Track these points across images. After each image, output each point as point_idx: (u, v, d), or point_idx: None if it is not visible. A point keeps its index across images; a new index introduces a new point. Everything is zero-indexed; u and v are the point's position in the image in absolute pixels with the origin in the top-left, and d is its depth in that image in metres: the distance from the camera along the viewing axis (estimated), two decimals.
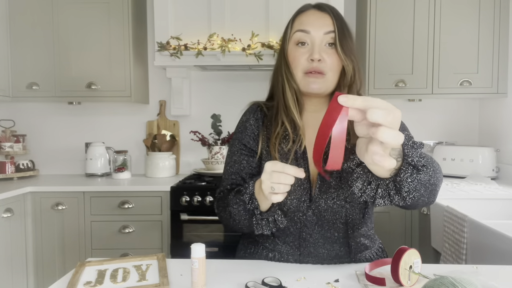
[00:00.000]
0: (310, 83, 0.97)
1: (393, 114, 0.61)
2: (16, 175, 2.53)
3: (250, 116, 1.08)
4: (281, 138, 1.01)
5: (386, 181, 0.77)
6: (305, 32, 0.97)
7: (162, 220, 2.23)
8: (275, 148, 0.99)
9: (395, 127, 0.61)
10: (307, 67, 0.97)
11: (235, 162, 1.05)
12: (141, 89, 2.65)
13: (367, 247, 1.05)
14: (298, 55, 0.97)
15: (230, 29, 2.38)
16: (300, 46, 0.98)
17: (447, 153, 2.49)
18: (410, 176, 0.74)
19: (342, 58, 0.96)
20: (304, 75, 0.97)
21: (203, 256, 0.82)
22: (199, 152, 2.74)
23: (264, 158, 1.03)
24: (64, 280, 0.91)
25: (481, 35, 2.33)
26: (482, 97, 2.48)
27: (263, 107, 1.08)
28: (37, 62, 2.48)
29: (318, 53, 0.95)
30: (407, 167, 0.73)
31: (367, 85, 2.37)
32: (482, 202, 1.90)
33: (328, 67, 0.96)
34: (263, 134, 1.04)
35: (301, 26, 0.98)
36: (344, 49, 0.96)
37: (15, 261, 2.16)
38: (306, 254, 1.01)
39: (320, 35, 0.96)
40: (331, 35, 0.96)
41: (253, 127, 1.06)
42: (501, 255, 1.31)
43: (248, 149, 1.05)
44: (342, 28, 0.97)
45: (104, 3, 2.44)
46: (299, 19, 1.00)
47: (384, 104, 0.61)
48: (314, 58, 0.94)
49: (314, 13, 0.99)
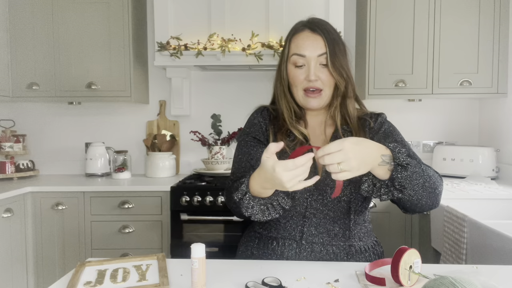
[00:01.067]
0: (309, 102, 1.11)
1: (337, 156, 0.84)
2: (16, 175, 2.54)
3: (258, 115, 1.21)
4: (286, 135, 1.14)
5: (386, 181, 0.94)
6: (301, 56, 1.10)
7: (162, 220, 2.23)
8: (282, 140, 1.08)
9: (344, 165, 0.84)
10: (306, 85, 1.10)
11: (245, 153, 1.14)
12: (141, 89, 2.65)
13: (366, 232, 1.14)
14: (297, 75, 1.11)
15: (230, 29, 2.38)
16: (299, 68, 1.11)
17: (447, 153, 2.49)
18: (400, 173, 0.92)
19: (334, 76, 1.09)
20: (304, 93, 1.12)
21: (203, 256, 0.82)
22: (199, 152, 2.74)
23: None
24: (64, 280, 0.91)
25: (481, 35, 2.32)
26: (482, 97, 2.48)
27: (269, 108, 1.22)
28: (37, 62, 2.48)
29: (314, 74, 1.08)
30: (396, 167, 0.92)
31: (367, 85, 2.37)
32: (482, 202, 1.90)
33: (324, 83, 1.10)
34: (271, 128, 1.16)
35: (297, 50, 1.10)
36: (336, 67, 1.08)
37: (15, 261, 2.16)
38: (308, 234, 1.08)
39: (314, 57, 1.09)
40: (324, 56, 1.08)
41: (261, 124, 1.18)
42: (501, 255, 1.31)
43: (257, 140, 1.15)
44: (334, 47, 1.09)
45: (104, 3, 2.44)
46: (295, 42, 1.12)
47: (329, 149, 0.84)
48: (311, 80, 1.08)
49: (308, 36, 1.10)
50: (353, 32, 2.69)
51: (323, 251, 1.07)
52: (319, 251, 1.07)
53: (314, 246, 1.07)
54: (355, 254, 1.09)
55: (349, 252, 1.08)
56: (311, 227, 1.08)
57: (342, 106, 1.14)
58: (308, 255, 1.07)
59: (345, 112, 1.14)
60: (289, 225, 1.09)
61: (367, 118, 1.16)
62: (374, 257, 1.12)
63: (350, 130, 1.13)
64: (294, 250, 1.07)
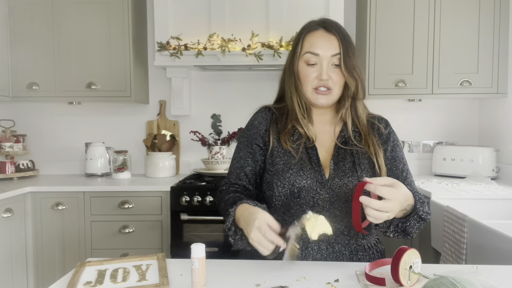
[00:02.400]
0: (318, 99, 1.12)
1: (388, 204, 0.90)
2: (16, 175, 2.53)
3: (258, 115, 1.21)
4: (290, 135, 1.14)
5: (396, 221, 1.01)
6: (315, 54, 1.10)
7: (162, 220, 2.23)
8: (285, 142, 1.12)
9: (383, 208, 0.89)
10: (316, 84, 1.11)
11: (241, 158, 1.17)
12: (141, 89, 2.65)
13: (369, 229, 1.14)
14: (309, 73, 1.11)
15: (230, 29, 2.38)
16: (310, 66, 1.11)
17: (447, 153, 2.49)
18: (416, 223, 1.00)
19: (346, 76, 1.10)
20: (313, 90, 1.12)
21: (203, 256, 0.82)
22: (199, 152, 2.74)
23: (275, 149, 1.14)
24: (64, 280, 0.91)
25: (481, 35, 2.32)
26: (482, 97, 2.48)
27: (271, 108, 1.22)
28: (37, 62, 2.48)
29: (327, 74, 1.09)
30: (414, 216, 0.99)
31: (367, 85, 2.37)
32: (482, 202, 1.90)
33: (334, 83, 1.11)
34: (273, 129, 1.17)
35: (311, 48, 1.10)
36: (348, 68, 1.09)
37: (15, 261, 2.16)
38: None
39: (327, 57, 1.09)
40: (337, 57, 1.09)
41: (261, 125, 1.18)
42: (501, 255, 1.31)
43: (253, 148, 1.16)
44: (347, 48, 1.09)
45: (104, 3, 2.44)
46: (309, 40, 1.12)
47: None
48: (323, 79, 1.09)
49: (323, 35, 1.11)
50: (353, 32, 2.69)
51: (329, 249, 1.07)
52: (325, 249, 1.07)
53: (321, 244, 1.07)
54: (359, 252, 1.09)
55: (353, 250, 1.09)
56: None
57: (352, 107, 1.16)
58: (315, 253, 1.07)
59: (354, 113, 1.16)
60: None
61: (375, 122, 1.18)
62: (377, 254, 1.13)
63: (358, 131, 1.15)
64: (300, 248, 1.06)
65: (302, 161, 1.10)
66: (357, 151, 1.12)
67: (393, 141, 1.17)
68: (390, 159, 1.15)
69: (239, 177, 1.15)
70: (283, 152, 1.12)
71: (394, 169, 1.14)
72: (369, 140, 1.12)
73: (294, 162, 1.09)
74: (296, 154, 1.10)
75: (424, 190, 2.06)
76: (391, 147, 1.16)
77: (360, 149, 1.12)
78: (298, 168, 1.08)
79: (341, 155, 1.12)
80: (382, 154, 1.12)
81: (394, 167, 1.14)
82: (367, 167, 1.10)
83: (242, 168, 1.15)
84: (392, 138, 1.18)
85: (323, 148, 1.14)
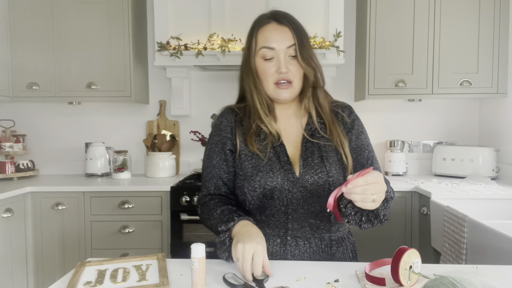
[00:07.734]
0: (281, 93, 1.11)
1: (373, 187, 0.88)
2: (16, 175, 2.54)
3: (223, 119, 1.19)
4: (256, 135, 1.13)
5: (367, 211, 1.00)
6: (270, 48, 1.09)
7: (162, 220, 2.23)
8: (252, 144, 1.11)
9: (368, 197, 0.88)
10: (276, 78, 1.10)
11: (215, 167, 1.14)
12: (141, 89, 2.65)
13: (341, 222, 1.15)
14: (267, 68, 1.10)
15: (230, 29, 2.38)
16: (268, 61, 1.10)
17: (447, 153, 2.49)
18: (383, 205, 0.99)
19: (304, 67, 1.09)
20: (274, 86, 1.11)
21: (203, 256, 0.82)
22: (199, 152, 2.74)
23: (242, 152, 1.12)
24: (64, 280, 0.91)
25: (481, 35, 2.33)
26: (482, 97, 2.48)
27: (234, 109, 1.20)
28: (37, 62, 2.48)
29: (285, 66, 1.08)
30: (384, 202, 0.99)
31: (367, 85, 2.37)
32: (482, 202, 1.90)
33: (293, 75, 1.10)
34: (239, 131, 1.15)
35: (265, 42, 1.09)
36: (305, 59, 1.09)
37: (15, 261, 2.16)
38: (292, 229, 1.08)
39: (283, 49, 1.08)
40: (293, 48, 1.08)
41: (227, 128, 1.16)
42: (501, 255, 1.31)
43: (226, 153, 1.14)
44: (301, 38, 1.09)
45: (104, 3, 2.44)
46: (262, 34, 1.11)
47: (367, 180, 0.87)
48: (282, 72, 1.08)
49: (276, 27, 1.10)
50: (353, 32, 2.69)
51: (306, 244, 1.08)
52: (303, 244, 1.08)
53: (298, 240, 1.08)
54: (335, 245, 1.11)
55: (328, 243, 1.10)
56: (295, 222, 1.08)
57: (313, 96, 1.15)
58: (293, 249, 1.08)
59: (317, 102, 1.15)
60: (273, 222, 1.09)
61: (339, 111, 1.18)
62: (349, 246, 1.15)
63: (323, 122, 1.15)
64: (278, 245, 1.08)
65: (271, 161, 1.08)
66: (324, 145, 1.11)
67: (357, 128, 1.16)
68: (355, 148, 1.14)
69: (217, 187, 1.13)
70: (250, 155, 1.10)
71: (359, 158, 1.13)
72: (334, 130, 1.12)
73: (263, 164, 1.08)
74: (264, 156, 1.08)
75: (424, 190, 2.06)
76: (355, 135, 1.15)
77: (327, 142, 1.11)
78: (268, 170, 1.07)
79: (309, 149, 1.11)
80: (348, 144, 1.12)
81: (360, 155, 1.13)
82: (335, 159, 1.09)
83: (219, 177, 1.13)
84: (356, 125, 1.16)
85: (291, 144, 1.13)
